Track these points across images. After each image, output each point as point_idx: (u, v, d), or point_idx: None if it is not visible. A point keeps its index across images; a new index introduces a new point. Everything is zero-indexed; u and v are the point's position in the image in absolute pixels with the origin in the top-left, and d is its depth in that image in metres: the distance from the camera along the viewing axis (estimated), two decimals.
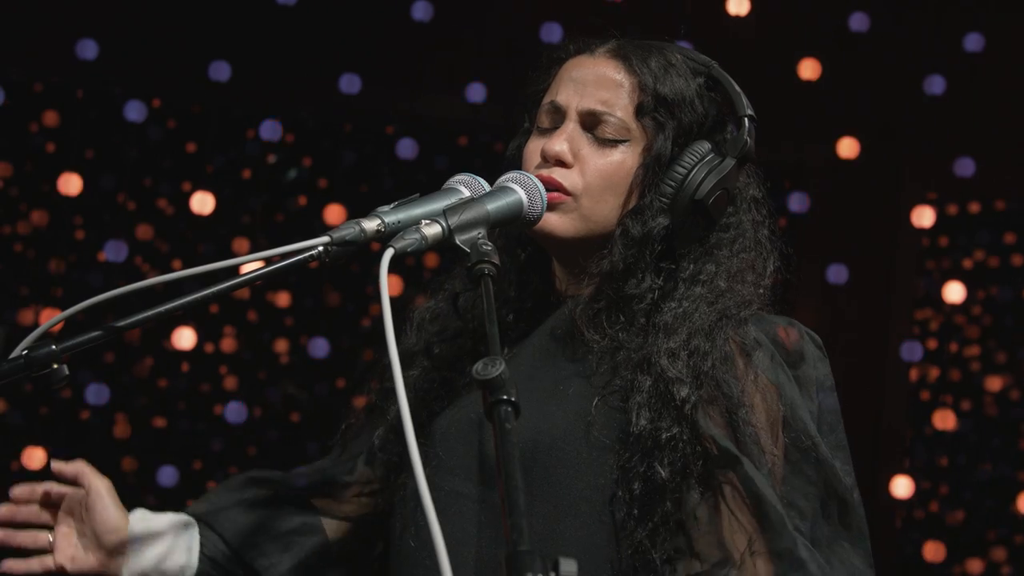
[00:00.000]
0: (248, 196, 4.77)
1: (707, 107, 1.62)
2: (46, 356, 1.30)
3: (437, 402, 1.63)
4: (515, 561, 1.00)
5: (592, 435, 1.49)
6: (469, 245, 1.37)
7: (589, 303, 1.58)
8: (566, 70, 1.64)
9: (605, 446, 1.48)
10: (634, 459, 1.46)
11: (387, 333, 1.19)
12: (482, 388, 1.15)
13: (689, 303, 1.54)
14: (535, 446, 1.49)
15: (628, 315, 1.56)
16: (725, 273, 1.58)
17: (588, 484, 1.48)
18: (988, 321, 4.89)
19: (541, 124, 1.63)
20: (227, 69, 4.34)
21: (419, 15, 4.33)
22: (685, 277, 1.57)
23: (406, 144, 4.34)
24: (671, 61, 1.61)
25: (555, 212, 1.57)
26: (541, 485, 1.48)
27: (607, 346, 1.54)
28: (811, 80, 4.48)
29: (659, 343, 1.51)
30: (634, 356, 1.52)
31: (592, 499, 1.47)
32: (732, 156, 1.59)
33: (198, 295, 1.35)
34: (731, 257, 1.60)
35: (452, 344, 1.67)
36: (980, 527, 4.74)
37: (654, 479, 1.44)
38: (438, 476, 1.55)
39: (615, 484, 1.46)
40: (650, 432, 1.46)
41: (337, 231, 1.36)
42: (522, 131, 1.72)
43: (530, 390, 1.53)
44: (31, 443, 4.38)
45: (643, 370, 1.50)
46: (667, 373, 1.48)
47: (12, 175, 4.65)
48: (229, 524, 1.69)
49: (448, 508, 1.52)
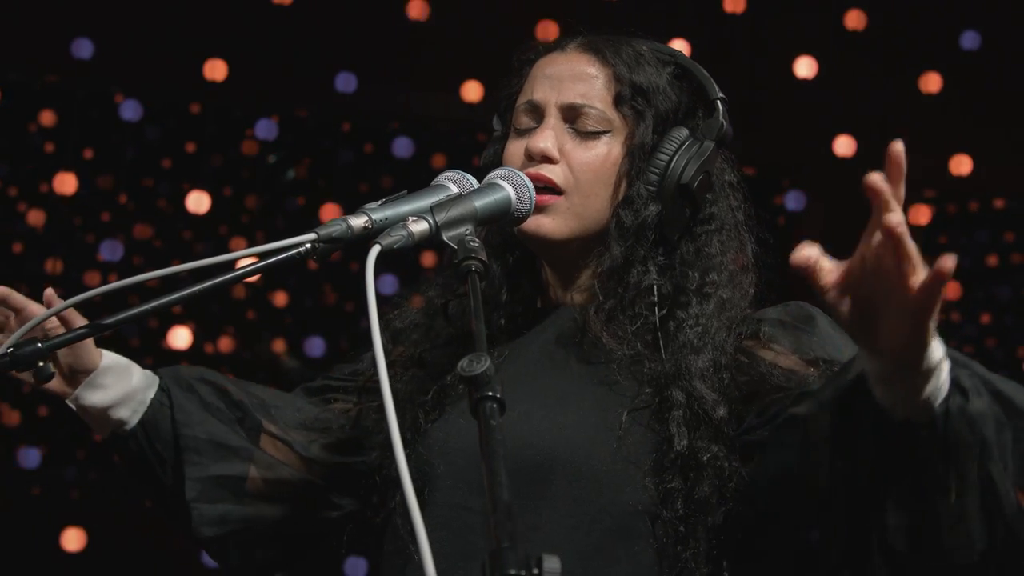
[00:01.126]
0: (245, 195, 4.77)
1: (679, 95, 1.62)
2: (31, 354, 1.30)
3: (433, 411, 1.61)
4: (499, 558, 0.99)
5: (621, 451, 1.48)
6: (456, 241, 1.36)
7: (600, 305, 1.57)
8: (538, 68, 1.63)
9: (633, 463, 1.48)
10: (675, 479, 1.47)
11: (372, 329, 1.18)
12: (467, 384, 1.14)
13: (706, 320, 1.54)
14: (553, 456, 1.48)
15: (640, 314, 1.55)
16: (726, 279, 1.59)
17: (613, 500, 1.47)
18: (987, 320, 4.89)
19: (520, 125, 1.62)
20: (223, 68, 4.34)
21: (415, 13, 4.33)
22: (693, 288, 1.57)
23: (402, 143, 4.35)
24: (640, 52, 1.62)
25: (546, 215, 1.56)
26: (563, 498, 1.47)
27: (627, 355, 1.53)
28: (807, 78, 4.48)
29: (689, 361, 1.51)
30: (663, 370, 1.51)
31: (619, 514, 1.47)
32: (711, 139, 1.60)
33: (185, 291, 1.34)
34: (722, 255, 1.60)
35: (444, 351, 1.65)
36: None
37: (696, 498, 1.46)
38: (440, 492, 1.52)
39: (659, 505, 1.46)
40: (690, 452, 1.47)
41: (324, 228, 1.35)
42: (494, 138, 1.71)
43: (538, 395, 1.53)
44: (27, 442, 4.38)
45: (676, 387, 1.50)
46: (703, 394, 1.49)
47: (9, 174, 4.66)
48: (185, 404, 1.65)
49: (453, 522, 1.50)
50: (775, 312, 1.57)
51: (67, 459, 4.62)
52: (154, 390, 1.64)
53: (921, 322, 1.18)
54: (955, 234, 4.87)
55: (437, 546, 1.47)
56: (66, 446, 4.61)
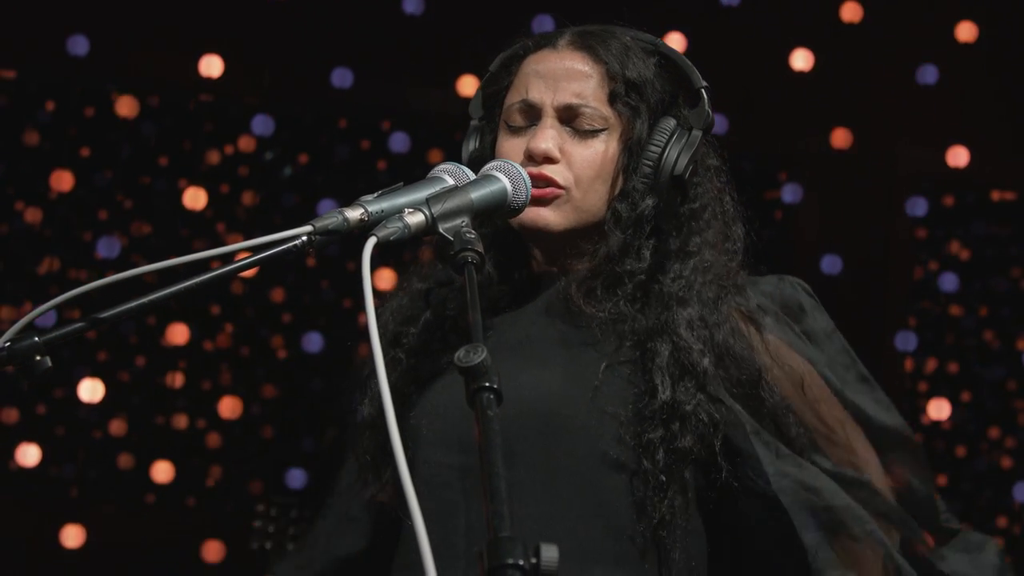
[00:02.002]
0: (241, 191, 4.76)
1: (664, 85, 1.65)
2: (28, 348, 1.29)
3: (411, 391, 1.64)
4: (496, 547, 0.99)
5: (597, 401, 1.50)
6: (452, 233, 1.36)
7: (584, 280, 1.60)
8: (529, 65, 1.65)
9: (609, 414, 1.51)
10: (657, 429, 1.49)
11: (369, 321, 1.19)
12: (464, 375, 1.14)
13: (689, 274, 1.58)
14: (526, 409, 1.51)
15: (623, 290, 1.59)
16: (708, 245, 1.62)
17: (591, 451, 1.50)
18: (984, 311, 4.89)
19: (513, 122, 1.64)
20: (219, 64, 4.34)
21: (411, 8, 4.32)
22: (674, 250, 1.60)
23: (399, 138, 4.34)
24: (627, 44, 1.65)
25: (548, 207, 1.59)
26: (537, 451, 1.51)
27: (607, 317, 1.57)
28: (804, 71, 4.48)
29: (675, 313, 1.54)
30: (646, 324, 1.55)
31: (595, 466, 1.50)
32: (698, 128, 1.62)
33: (182, 285, 1.34)
34: (706, 229, 1.64)
35: (423, 335, 1.68)
36: (978, 518, 4.74)
37: (678, 448, 1.49)
38: (422, 450, 1.58)
39: (637, 456, 1.49)
40: (674, 402, 1.50)
41: (320, 220, 1.35)
42: (475, 128, 1.72)
43: (517, 358, 1.56)
44: (26, 440, 4.38)
45: (660, 339, 1.53)
46: (688, 343, 1.52)
47: (6, 172, 4.65)
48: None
49: (434, 479, 1.56)
50: (769, 287, 1.61)
51: (66, 457, 4.62)
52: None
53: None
54: (952, 226, 4.87)
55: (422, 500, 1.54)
56: (65, 444, 4.61)
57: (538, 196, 1.57)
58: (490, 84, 1.71)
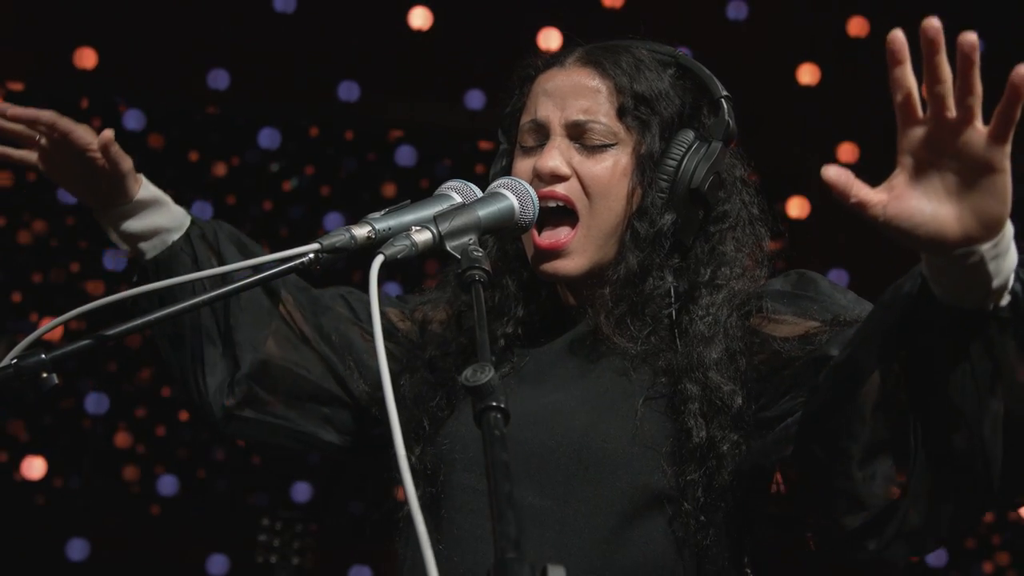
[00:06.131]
0: (248, 204, 4.77)
1: (682, 96, 1.62)
2: (35, 364, 1.29)
3: (445, 408, 1.62)
4: (503, 569, 0.99)
5: (640, 435, 1.49)
6: (460, 251, 1.36)
7: (611, 309, 1.57)
8: (539, 85, 1.63)
9: (651, 446, 1.49)
10: (695, 471, 1.48)
11: (376, 339, 1.18)
12: (471, 395, 1.13)
13: (716, 310, 1.55)
14: (568, 443, 1.50)
15: (653, 317, 1.56)
16: (739, 272, 1.59)
17: (632, 483, 1.48)
18: None
19: (525, 143, 1.62)
20: (226, 77, 4.35)
21: (418, 22, 4.33)
22: (704, 282, 1.57)
23: (406, 151, 4.35)
24: (640, 58, 1.62)
25: (561, 258, 1.57)
26: (582, 483, 1.48)
27: (641, 350, 1.54)
28: (810, 85, 4.48)
29: (701, 353, 1.51)
30: (676, 363, 1.52)
31: (636, 498, 1.48)
32: (718, 139, 1.60)
33: (190, 302, 1.34)
34: (737, 252, 1.61)
35: (457, 358, 1.66)
36: (984, 532, 4.72)
37: (716, 486, 1.47)
38: (455, 474, 1.55)
39: (678, 493, 1.48)
40: (710, 443, 1.48)
41: (327, 238, 1.34)
42: (501, 151, 1.71)
43: (556, 391, 1.55)
44: (32, 453, 4.39)
45: (690, 379, 1.51)
46: (719, 384, 1.49)
47: (13, 185, 4.66)
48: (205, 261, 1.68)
49: (466, 505, 1.53)
50: (776, 283, 1.58)
51: (72, 468, 4.63)
52: (180, 233, 1.68)
53: (998, 164, 1.17)
54: None
55: (454, 526, 1.51)
56: (70, 456, 4.61)
57: (548, 247, 1.56)
58: (505, 106, 1.70)
